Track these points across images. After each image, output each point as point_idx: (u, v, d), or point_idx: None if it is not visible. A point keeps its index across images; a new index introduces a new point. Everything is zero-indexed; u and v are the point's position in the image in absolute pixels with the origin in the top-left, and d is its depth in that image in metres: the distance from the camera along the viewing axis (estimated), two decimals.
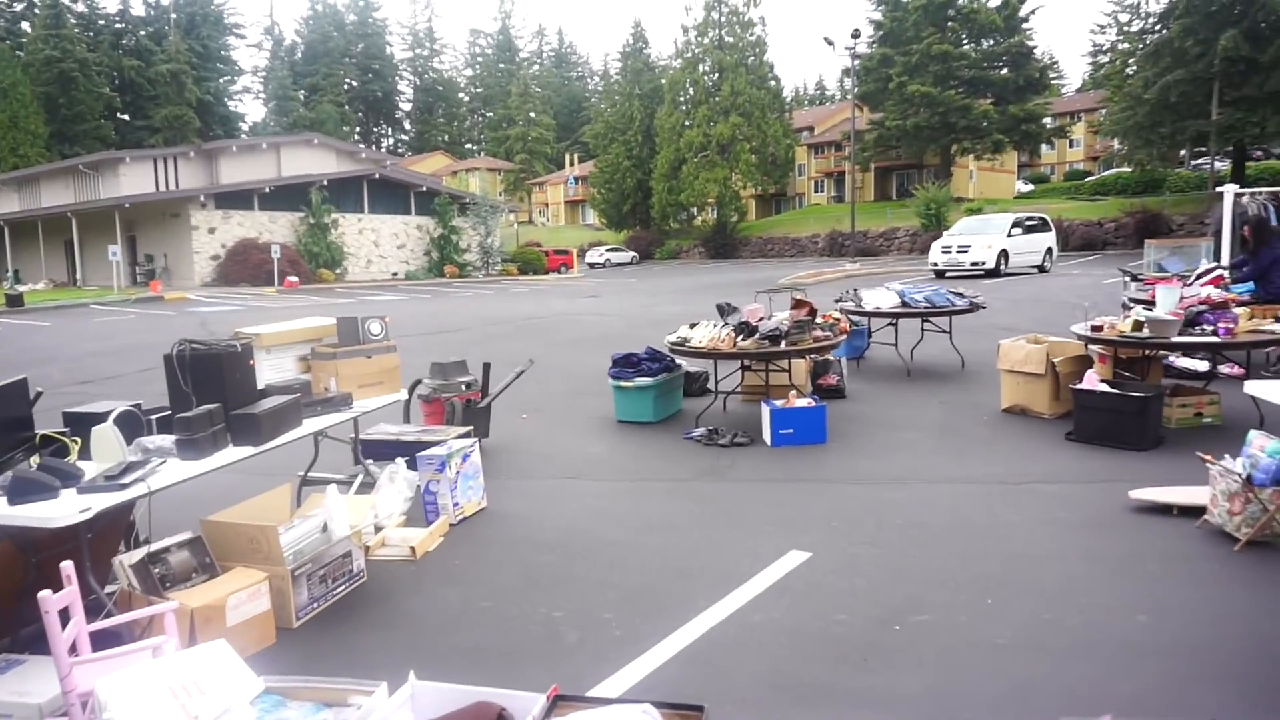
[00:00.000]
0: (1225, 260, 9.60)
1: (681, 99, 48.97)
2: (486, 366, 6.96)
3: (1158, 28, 36.28)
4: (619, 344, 9.90)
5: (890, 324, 9.45)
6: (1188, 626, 3.47)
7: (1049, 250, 24.17)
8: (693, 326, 7.07)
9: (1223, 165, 37.91)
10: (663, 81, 51.71)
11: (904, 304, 8.60)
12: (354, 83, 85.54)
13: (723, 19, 47.03)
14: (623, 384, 7.35)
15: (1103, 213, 35.91)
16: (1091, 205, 38.83)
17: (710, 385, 7.91)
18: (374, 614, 3.90)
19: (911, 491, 5.38)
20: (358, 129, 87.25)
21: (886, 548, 4.44)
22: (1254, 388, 4.50)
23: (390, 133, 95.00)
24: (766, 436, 6.52)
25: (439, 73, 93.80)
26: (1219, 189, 10.24)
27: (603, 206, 55.72)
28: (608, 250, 49.83)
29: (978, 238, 22.89)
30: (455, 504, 5.03)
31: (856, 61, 41.10)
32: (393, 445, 5.73)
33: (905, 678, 3.15)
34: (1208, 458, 4.39)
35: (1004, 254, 22.50)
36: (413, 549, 4.50)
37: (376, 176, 37.25)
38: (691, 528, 4.88)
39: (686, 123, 47.60)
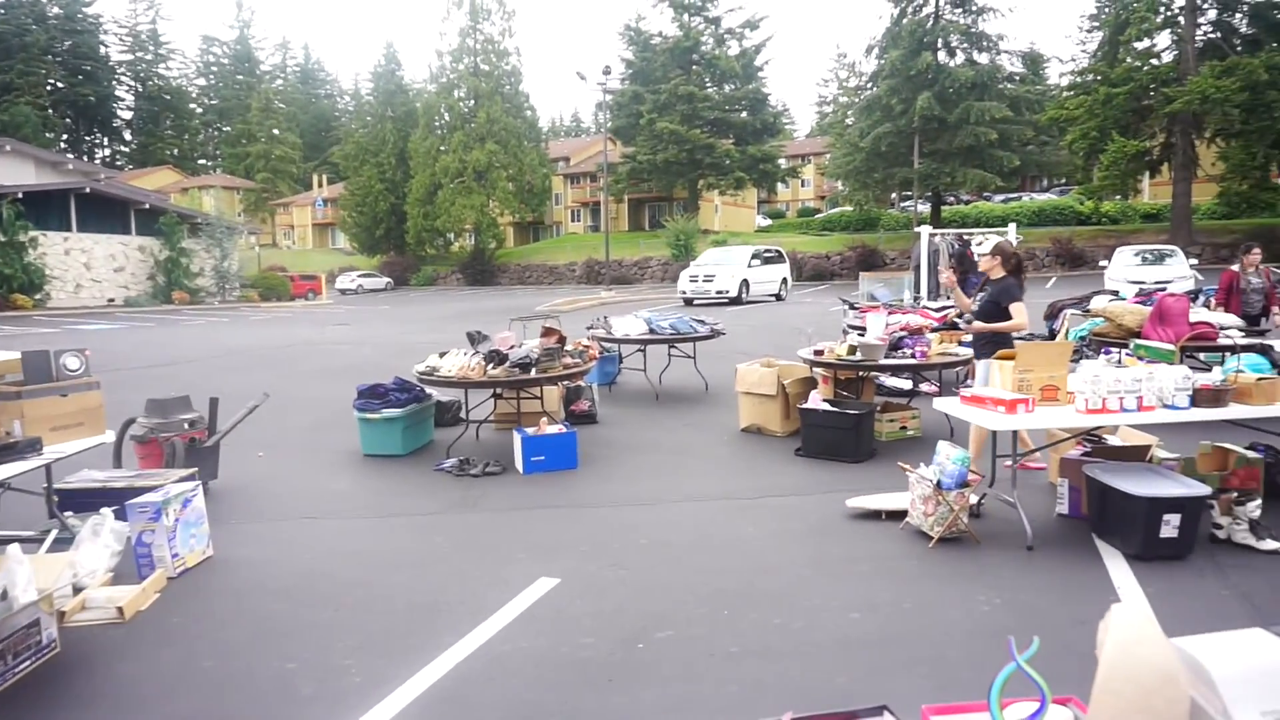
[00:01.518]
0: (924, 290, 10.93)
1: (437, 124, 48.24)
2: (214, 402, 6.40)
3: (870, 85, 40.97)
4: (368, 374, 9.50)
5: (639, 350, 9.82)
6: (892, 620, 3.87)
7: (784, 280, 26.31)
8: (442, 355, 6.94)
9: (924, 208, 43.32)
10: (417, 105, 50.68)
11: (651, 331, 8.98)
12: (59, 84, 75.90)
13: (478, 46, 47.01)
14: (369, 416, 7.05)
15: (830, 247, 39.68)
16: (821, 240, 42.81)
17: (462, 415, 7.78)
18: (69, 690, 3.42)
19: (658, 512, 5.59)
20: (65, 136, 77.47)
21: (633, 568, 4.58)
22: (941, 404, 5.15)
23: (107, 143, 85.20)
24: (519, 464, 6.52)
25: (166, 80, 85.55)
26: (917, 229, 11.67)
27: (354, 230, 53.42)
28: (360, 276, 47.76)
29: (722, 268, 24.45)
30: (175, 555, 4.55)
31: (609, 97, 42.64)
32: (98, 494, 5.09)
33: (647, 694, 3.25)
34: (906, 467, 4.95)
35: (745, 283, 24.19)
36: (120, 609, 4.01)
37: (88, 190, 33.11)
38: (439, 562, 4.76)
39: (442, 148, 46.92)
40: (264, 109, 73.33)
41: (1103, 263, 20.11)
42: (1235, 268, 8.90)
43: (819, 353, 7.17)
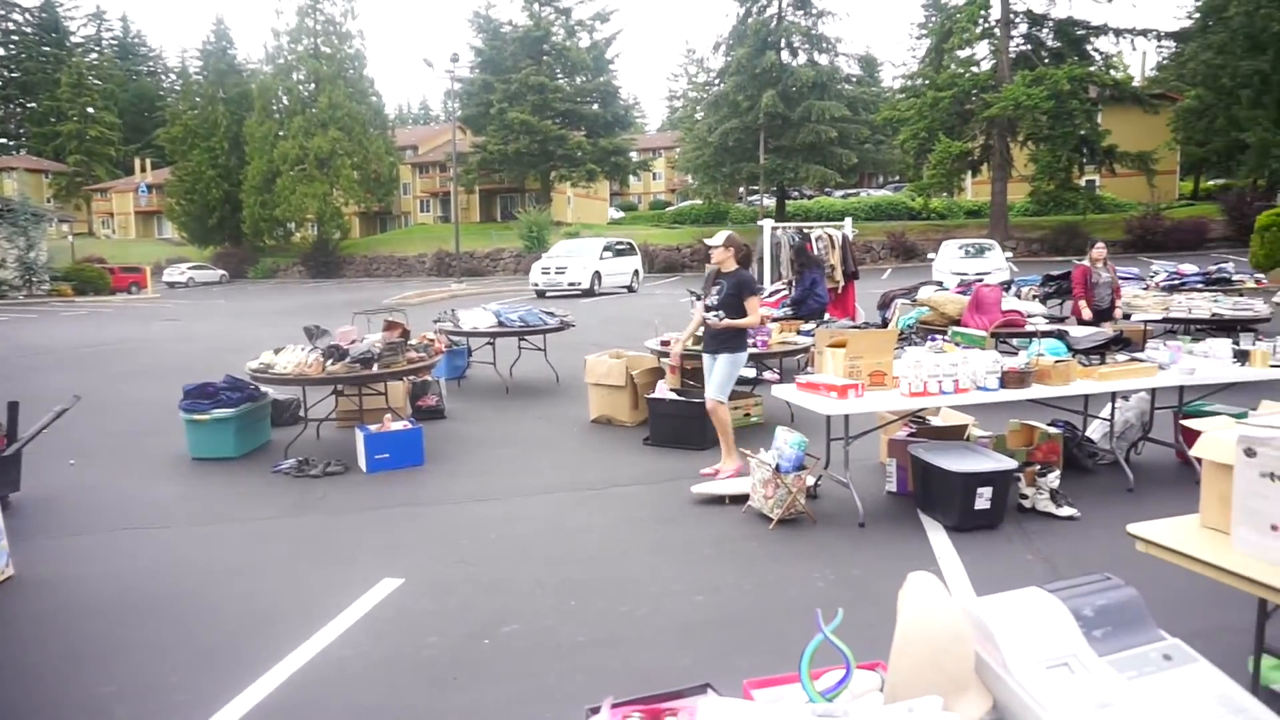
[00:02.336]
0: (767, 283, 11.33)
1: (274, 108, 45.68)
2: (14, 406, 5.83)
3: (718, 82, 42.00)
4: (197, 373, 8.90)
5: (489, 343, 9.70)
6: (734, 600, 4.01)
7: (636, 272, 26.62)
8: (278, 351, 6.60)
9: (770, 202, 44.91)
10: (252, 87, 47.79)
11: (500, 324, 8.88)
12: None
13: (318, 26, 44.85)
14: (197, 416, 6.62)
15: (681, 239, 40.45)
16: (672, 232, 43.57)
17: (301, 413, 7.44)
18: None
19: (506, 505, 5.55)
20: None
21: (480, 564, 4.52)
22: (780, 391, 5.37)
23: None
24: (362, 463, 6.30)
25: None
26: (759, 222, 12.08)
27: (183, 219, 49.80)
28: (191, 268, 44.65)
29: (574, 260, 24.46)
30: None
31: (458, 85, 41.73)
32: None
33: (492, 690, 3.22)
34: (747, 452, 5.13)
35: (597, 275, 24.31)
36: None
37: None
38: (276, 569, 4.54)
39: (281, 133, 44.50)
40: (75, 84, 67.07)
41: (931, 255, 21.49)
42: (1085, 262, 9.17)
43: (665, 343, 7.30)
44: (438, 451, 6.80)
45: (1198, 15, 33.31)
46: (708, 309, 5.83)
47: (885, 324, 10.97)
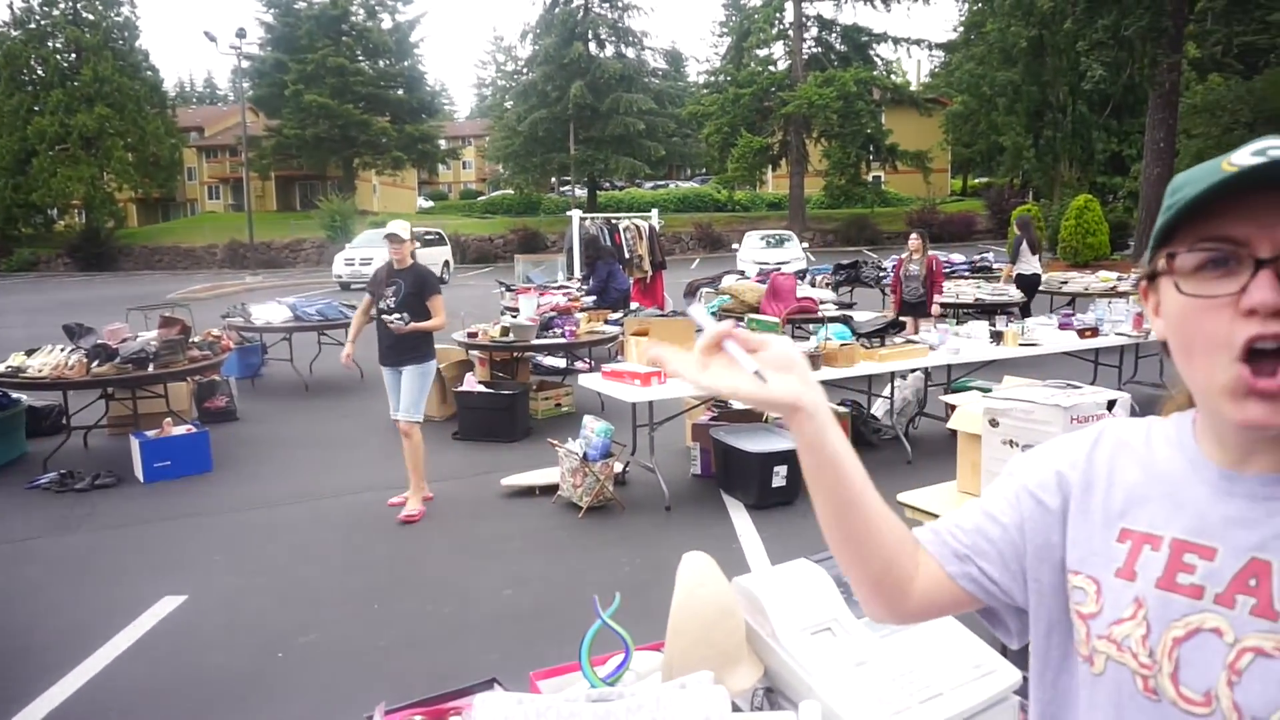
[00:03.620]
0: (578, 273, 11.40)
1: (26, 79, 40.71)
2: None
3: (526, 71, 41.68)
4: None
5: (284, 339, 9.14)
6: (543, 592, 4.01)
7: (445, 263, 25.99)
8: (31, 353, 5.90)
9: (582, 192, 45.20)
10: None
11: (297, 318, 8.39)
12: None
13: None
14: None
15: (493, 229, 39.87)
16: (484, 223, 42.85)
17: (65, 421, 6.70)
18: None
19: (306, 510, 5.26)
20: None
21: (275, 574, 4.27)
22: (586, 380, 5.42)
23: None
24: (139, 473, 5.76)
25: None
26: (568, 213, 12.13)
27: None
28: None
29: (380, 250, 23.52)
30: None
31: (248, 63, 38.92)
32: None
33: (286, 706, 3.05)
34: (555, 443, 5.14)
35: None
36: None
37: None
38: (31, 596, 4.07)
39: (36, 108, 39.72)
40: None
41: (735, 246, 22.45)
42: (904, 255, 8.98)
43: (473, 335, 7.18)
44: (228, 456, 6.33)
45: (962, 29, 36.63)
46: (385, 313, 5.01)
47: None
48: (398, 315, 4.96)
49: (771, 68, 36.87)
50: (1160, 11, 18.87)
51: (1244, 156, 0.70)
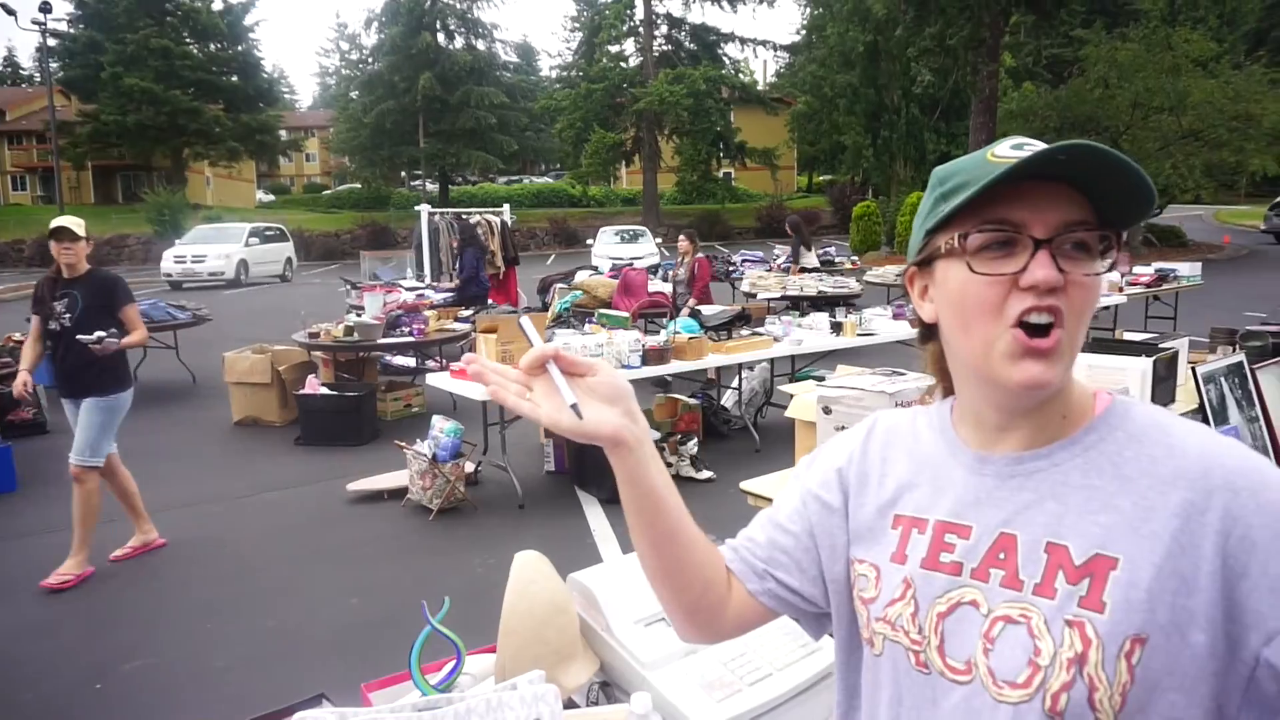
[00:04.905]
0: (426, 269, 11.12)
1: None
2: None
3: (371, 60, 40.22)
4: None
5: None
6: (392, 598, 3.89)
7: (289, 260, 24.77)
8: None
9: (434, 187, 44.10)
10: None
11: None
12: None
13: None
14: None
15: (340, 225, 38.26)
16: (330, 217, 41.05)
17: None
18: None
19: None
20: None
21: (94, 598, 3.95)
22: (434, 379, 5.30)
23: None
24: None
25: None
26: (417, 208, 11.81)
27: None
28: None
29: (214, 246, 22.14)
30: None
31: (56, 41, 35.63)
32: None
33: None
34: (403, 444, 5.00)
35: (244, 264, 22.25)
36: None
37: None
38: None
39: None
40: None
41: (590, 241, 22.50)
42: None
43: (314, 335, 6.87)
44: (37, 473, 5.79)
45: (804, 32, 38.19)
46: (57, 335, 4.11)
47: (546, 308, 11.29)
48: (104, 334, 4.03)
49: (623, 64, 37.16)
50: (979, 23, 20.34)
51: (1006, 149, 0.77)
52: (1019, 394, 0.79)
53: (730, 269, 12.82)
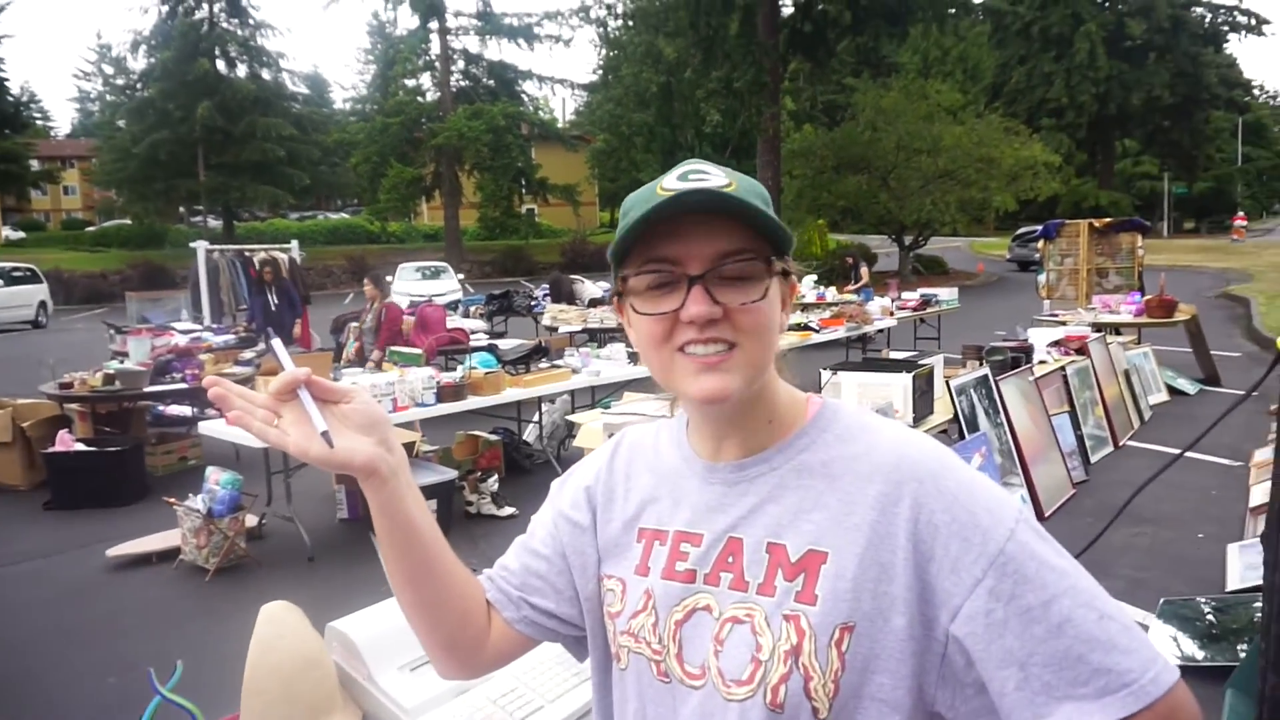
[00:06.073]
0: (206, 310, 10.33)
1: None
2: None
3: (141, 86, 37.15)
4: None
5: None
6: (157, 673, 3.52)
7: (42, 304, 22.28)
8: None
9: (218, 223, 41.17)
10: None
11: None
12: None
13: None
14: None
15: (107, 264, 34.81)
16: (95, 256, 37.26)
17: None
18: None
19: None
20: None
21: None
22: (207, 427, 4.91)
23: None
24: None
25: None
26: (194, 244, 10.99)
27: None
28: None
29: None
30: None
31: None
32: None
33: None
34: (172, 501, 4.59)
35: None
36: None
37: None
38: None
39: None
40: None
41: (389, 278, 21.79)
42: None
43: (67, 385, 6.18)
44: None
45: (601, 71, 39.26)
46: None
47: (340, 348, 10.80)
48: None
49: (420, 98, 36.55)
50: (761, 68, 21.78)
51: (673, 181, 0.80)
52: (703, 407, 0.83)
53: (532, 303, 12.84)
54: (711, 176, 0.79)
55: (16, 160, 39.52)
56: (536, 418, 6.77)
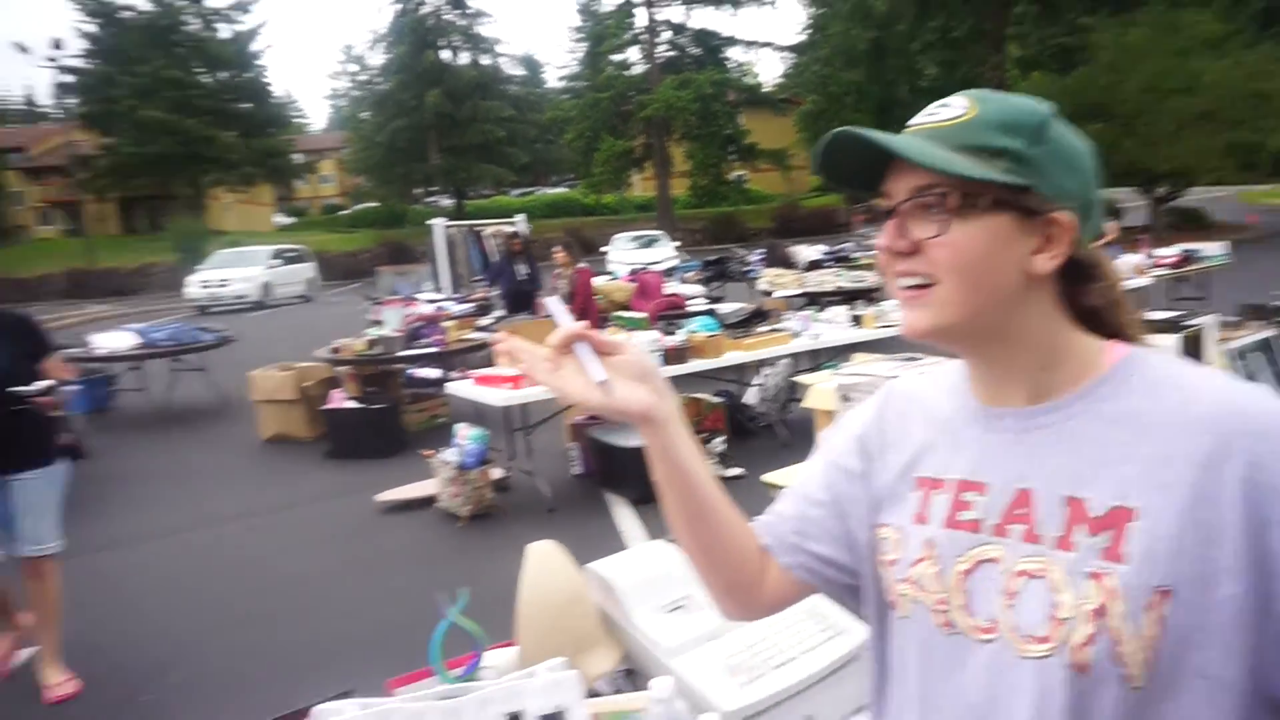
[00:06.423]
0: (445, 284, 11.21)
1: None
2: None
3: (380, 80, 40.64)
4: None
5: (134, 368, 8.60)
6: (422, 606, 3.93)
7: (311, 280, 25.06)
8: None
9: (450, 202, 44.40)
10: None
11: (146, 344, 7.90)
12: None
13: None
14: None
15: (359, 244, 38.60)
16: (349, 237, 41.43)
17: None
18: None
19: (168, 544, 4.99)
20: None
21: (132, 616, 4.03)
22: (453, 388, 5.37)
23: None
24: None
25: None
26: (430, 221, 11.92)
27: None
28: None
29: (238, 270, 22.47)
30: None
31: (73, 77, 36.28)
32: None
33: None
34: (429, 454, 5.07)
35: (267, 285, 22.54)
36: None
37: None
38: None
39: None
40: None
41: (603, 248, 22.58)
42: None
43: (337, 350, 6.97)
44: (74, 496, 5.89)
45: (808, 32, 38.07)
46: None
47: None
48: (50, 383, 3.26)
49: (628, 72, 37.28)
50: (982, 15, 20.24)
51: (921, 117, 0.82)
52: (910, 339, 0.83)
53: (746, 269, 12.83)
54: (945, 109, 0.80)
55: (281, 155, 44.45)
56: (757, 380, 6.79)
